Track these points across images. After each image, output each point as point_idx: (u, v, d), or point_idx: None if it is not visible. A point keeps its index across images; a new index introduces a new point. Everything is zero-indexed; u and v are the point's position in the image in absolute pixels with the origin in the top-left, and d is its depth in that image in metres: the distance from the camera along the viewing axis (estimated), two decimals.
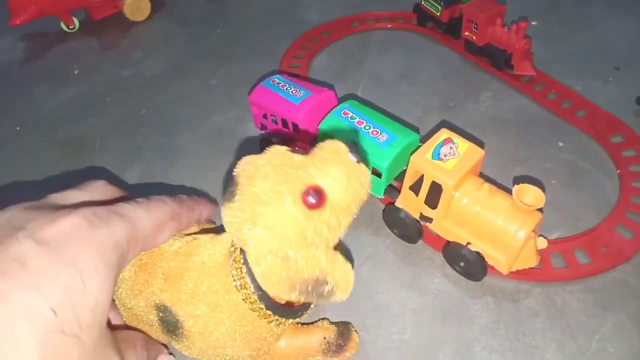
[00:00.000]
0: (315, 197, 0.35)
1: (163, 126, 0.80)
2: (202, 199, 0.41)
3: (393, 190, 0.61)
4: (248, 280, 0.38)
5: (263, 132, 0.70)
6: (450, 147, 0.55)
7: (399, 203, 0.59)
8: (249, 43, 0.96)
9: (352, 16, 0.96)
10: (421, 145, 0.56)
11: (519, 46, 0.76)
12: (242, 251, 0.38)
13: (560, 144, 0.68)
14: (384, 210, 0.61)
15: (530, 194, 0.52)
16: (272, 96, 0.67)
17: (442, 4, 0.85)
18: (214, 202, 0.43)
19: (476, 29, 0.80)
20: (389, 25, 0.94)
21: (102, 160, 0.74)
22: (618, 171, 0.65)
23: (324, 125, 0.62)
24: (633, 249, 0.57)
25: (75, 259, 0.26)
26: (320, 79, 0.84)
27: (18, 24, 0.94)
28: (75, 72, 0.95)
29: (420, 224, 0.58)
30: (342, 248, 0.42)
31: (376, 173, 0.59)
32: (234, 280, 0.38)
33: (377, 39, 0.92)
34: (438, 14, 0.86)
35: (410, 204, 0.58)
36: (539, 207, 0.50)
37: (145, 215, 0.32)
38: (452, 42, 0.87)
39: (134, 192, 0.37)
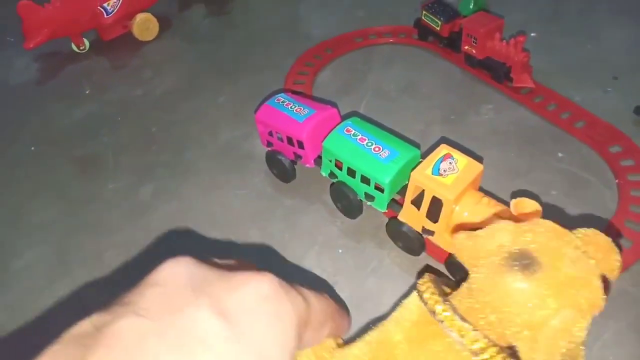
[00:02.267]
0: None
1: (173, 144, 0.82)
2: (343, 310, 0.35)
3: (396, 204, 0.63)
4: None
5: (269, 149, 0.73)
6: (450, 163, 0.57)
7: (401, 217, 0.61)
8: (255, 60, 0.99)
9: (354, 32, 0.98)
10: (422, 161, 0.58)
11: (517, 59, 0.78)
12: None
13: (560, 154, 0.70)
14: (387, 223, 0.63)
15: (528, 207, 0.53)
16: (277, 114, 0.69)
17: (441, 19, 0.87)
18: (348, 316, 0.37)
19: (475, 43, 0.82)
20: (391, 40, 0.96)
21: (116, 178, 0.77)
22: (617, 181, 0.66)
23: (328, 142, 0.64)
24: (632, 258, 0.58)
25: (259, 341, 0.22)
26: (325, 95, 0.86)
27: (32, 47, 0.98)
28: (87, 91, 0.99)
29: (423, 237, 0.60)
30: None
31: (378, 188, 0.61)
32: None
33: (380, 54, 0.94)
34: (438, 28, 0.88)
35: (412, 217, 0.60)
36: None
37: (318, 302, 0.28)
38: (453, 56, 0.89)
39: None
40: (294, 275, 0.60)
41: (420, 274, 0.38)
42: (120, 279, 0.63)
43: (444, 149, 0.58)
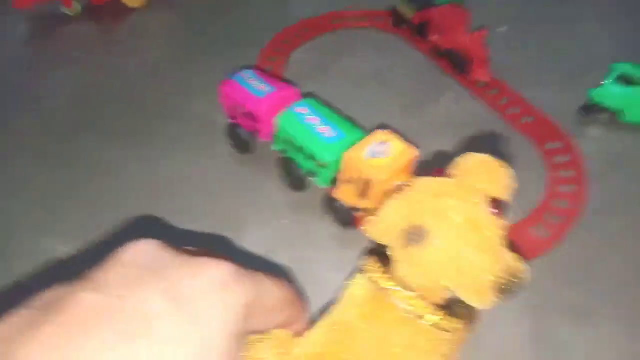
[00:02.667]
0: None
1: (145, 111, 0.87)
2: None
3: (337, 181, 0.68)
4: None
5: (231, 121, 0.78)
6: (385, 146, 0.62)
7: (335, 194, 0.66)
8: (235, 34, 1.03)
9: (333, 13, 1.02)
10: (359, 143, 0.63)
11: (477, 53, 0.81)
12: None
13: (499, 149, 0.74)
14: (324, 199, 0.68)
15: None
16: (240, 89, 0.74)
17: (414, 6, 0.90)
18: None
19: (441, 33, 0.85)
20: (368, 25, 0.99)
21: (77, 139, 0.82)
22: (547, 175, 0.71)
23: (281, 118, 0.69)
24: (546, 247, 0.64)
25: (204, 326, 0.23)
26: (296, 75, 0.90)
27: (20, 7, 1.02)
28: (74, 54, 1.03)
29: (353, 214, 0.65)
30: None
31: (322, 165, 0.66)
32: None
33: (354, 38, 0.98)
34: (411, 16, 0.92)
35: (345, 195, 0.65)
36: None
37: (273, 288, 0.29)
38: (423, 45, 0.92)
39: None
40: (234, 243, 0.67)
41: (365, 253, 0.42)
42: (83, 234, 0.69)
43: (381, 133, 0.63)
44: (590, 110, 0.77)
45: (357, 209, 0.63)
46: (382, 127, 0.78)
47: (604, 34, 0.93)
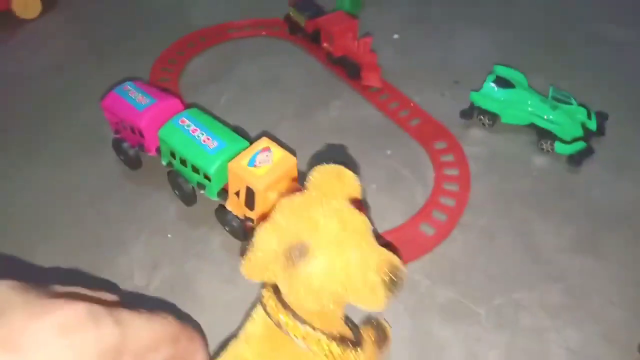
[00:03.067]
0: None
1: (33, 123, 0.82)
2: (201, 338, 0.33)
3: (225, 193, 0.67)
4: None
5: (116, 136, 0.75)
6: (267, 155, 0.62)
7: (227, 205, 0.65)
8: (131, 43, 1.00)
9: (230, 23, 1.01)
10: (241, 153, 0.62)
11: (364, 59, 0.83)
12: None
13: (389, 152, 0.76)
14: (215, 210, 0.67)
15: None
16: (121, 102, 0.71)
17: (305, 15, 0.91)
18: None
19: (331, 41, 0.86)
20: (264, 33, 0.99)
21: None
22: (434, 174, 0.73)
23: (163, 132, 0.67)
24: (432, 244, 0.66)
25: None
26: (191, 84, 0.89)
27: None
28: None
29: (245, 224, 0.64)
30: None
31: (207, 177, 0.65)
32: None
33: (251, 46, 0.98)
34: (303, 24, 0.92)
35: (235, 206, 0.64)
36: None
37: (144, 326, 0.27)
38: (318, 51, 0.93)
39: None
40: (118, 257, 0.64)
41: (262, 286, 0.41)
42: None
43: (263, 142, 0.63)
44: (472, 112, 0.81)
45: (249, 219, 0.62)
46: (268, 134, 0.78)
47: (488, 41, 0.98)
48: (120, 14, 1.09)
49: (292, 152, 0.65)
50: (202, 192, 0.67)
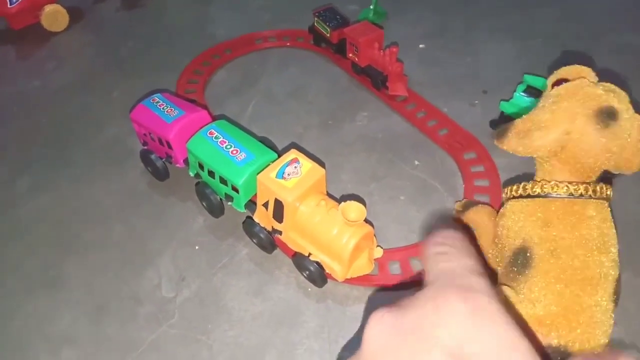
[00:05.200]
0: None
1: (59, 137, 0.84)
2: None
3: (254, 205, 0.66)
4: None
5: (144, 147, 0.75)
6: (295, 167, 0.61)
7: (255, 217, 0.65)
8: (156, 56, 1.01)
9: (255, 34, 1.01)
10: (270, 165, 0.62)
11: (391, 69, 0.82)
12: None
13: (417, 162, 0.75)
14: (243, 222, 0.66)
15: (355, 210, 0.58)
16: (149, 114, 0.71)
17: (330, 26, 0.91)
18: None
19: (357, 51, 0.86)
20: (288, 44, 0.99)
21: (11, 178, 0.78)
22: (464, 185, 0.72)
23: (191, 144, 0.67)
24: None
25: None
26: (216, 95, 0.89)
27: None
28: None
29: (272, 236, 0.64)
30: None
31: (235, 189, 0.64)
32: None
33: (276, 57, 0.98)
34: (328, 35, 0.92)
35: (263, 218, 0.64)
36: (361, 220, 0.56)
37: None
38: (343, 62, 0.93)
39: None
40: (145, 269, 0.64)
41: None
42: None
43: (291, 154, 0.62)
44: (502, 122, 0.79)
45: (277, 231, 0.62)
46: (294, 145, 0.78)
47: (516, 50, 0.96)
48: (145, 27, 1.10)
49: (321, 163, 0.64)
50: (229, 203, 0.67)
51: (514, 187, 0.50)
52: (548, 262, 0.46)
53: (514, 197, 0.51)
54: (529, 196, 0.49)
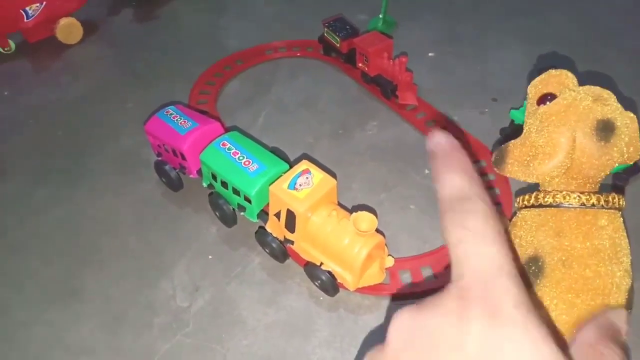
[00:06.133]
0: None
1: (75, 148, 0.85)
2: None
3: (266, 215, 0.67)
4: None
5: (158, 158, 0.76)
6: (307, 178, 0.62)
7: (267, 227, 0.66)
8: (170, 67, 1.02)
9: (265, 45, 1.03)
10: (282, 175, 0.62)
11: (401, 78, 0.83)
12: None
13: (427, 171, 0.76)
14: (255, 232, 0.67)
15: (366, 220, 0.59)
16: (163, 126, 0.73)
17: (340, 35, 0.92)
18: None
19: (367, 61, 0.87)
20: (298, 54, 1.01)
21: (13, 181, 0.80)
22: None
23: (204, 155, 0.68)
24: None
25: None
26: (228, 105, 0.90)
27: None
28: (5, 93, 1.01)
29: (284, 246, 0.65)
30: None
31: (247, 199, 0.65)
32: None
33: (286, 67, 0.99)
34: (338, 45, 0.93)
35: (275, 228, 0.65)
36: (372, 230, 0.57)
37: None
38: (353, 71, 0.94)
39: None
40: (160, 279, 0.65)
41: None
42: (10, 280, 0.66)
43: (303, 165, 0.63)
44: (513, 131, 0.79)
45: (289, 241, 0.63)
46: (305, 155, 0.78)
47: (523, 57, 0.96)
48: (158, 38, 1.12)
49: (331, 172, 0.65)
50: (242, 214, 0.68)
51: (526, 197, 0.50)
52: (560, 271, 0.46)
53: (525, 207, 0.51)
54: (540, 206, 0.49)
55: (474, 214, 0.21)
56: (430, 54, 0.98)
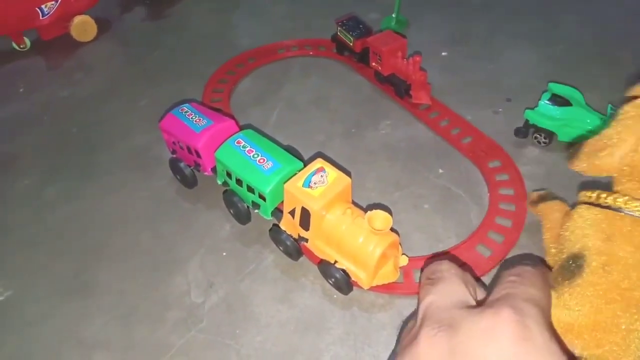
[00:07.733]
0: None
1: (88, 145, 0.86)
2: None
3: (280, 212, 0.67)
4: None
5: (173, 155, 0.77)
6: (321, 176, 0.62)
7: (282, 225, 0.66)
8: (182, 65, 1.03)
9: (278, 43, 1.03)
10: (297, 174, 0.63)
11: (415, 77, 0.83)
12: None
13: (440, 170, 0.75)
14: (270, 230, 0.67)
15: (381, 219, 0.58)
16: (178, 124, 0.73)
17: (353, 35, 0.92)
18: None
19: (380, 60, 0.87)
20: (311, 53, 1.01)
21: (26, 177, 0.81)
22: (489, 193, 0.72)
23: (219, 153, 0.69)
24: (489, 266, 0.64)
25: None
26: (241, 103, 0.91)
27: None
28: (21, 90, 1.02)
29: (298, 244, 0.65)
30: None
31: (262, 197, 0.65)
32: None
33: (298, 66, 0.99)
34: (351, 44, 0.93)
35: (290, 226, 0.65)
36: (387, 229, 0.57)
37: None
38: (365, 70, 0.94)
39: None
40: (174, 275, 0.65)
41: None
42: (23, 276, 0.67)
43: (318, 163, 0.63)
44: (528, 131, 0.79)
45: (303, 239, 0.63)
46: (318, 153, 0.78)
47: (537, 57, 0.96)
48: (171, 36, 1.13)
49: (346, 172, 0.65)
50: (256, 211, 0.68)
51: (589, 193, 0.49)
52: (598, 275, 0.45)
53: (585, 203, 0.49)
54: (599, 205, 0.47)
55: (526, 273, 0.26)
56: (443, 54, 0.98)
